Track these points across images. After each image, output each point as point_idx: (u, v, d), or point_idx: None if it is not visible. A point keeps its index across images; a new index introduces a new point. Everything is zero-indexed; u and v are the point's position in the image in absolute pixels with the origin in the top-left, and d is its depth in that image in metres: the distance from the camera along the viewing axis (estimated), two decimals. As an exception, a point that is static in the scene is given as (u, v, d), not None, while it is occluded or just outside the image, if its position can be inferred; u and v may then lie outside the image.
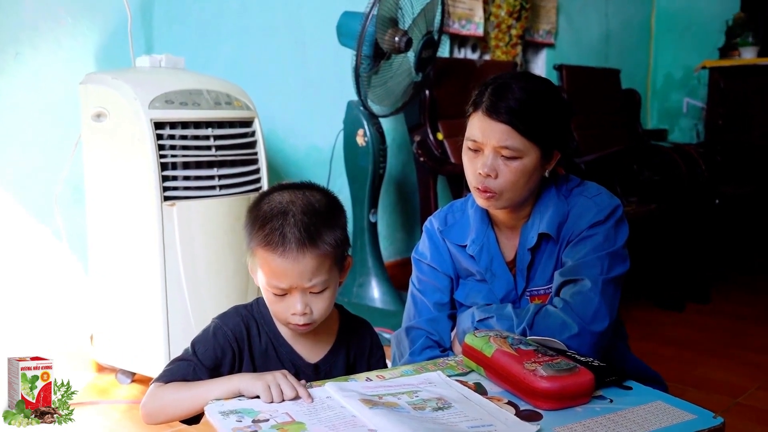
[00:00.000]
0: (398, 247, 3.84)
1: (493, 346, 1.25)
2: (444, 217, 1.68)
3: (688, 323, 3.35)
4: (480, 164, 1.48)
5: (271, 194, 1.27)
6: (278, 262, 1.20)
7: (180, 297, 2.31)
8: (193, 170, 2.33)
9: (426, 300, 1.66)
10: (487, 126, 1.46)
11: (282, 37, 3.25)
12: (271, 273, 1.22)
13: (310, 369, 1.33)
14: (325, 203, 1.27)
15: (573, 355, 1.28)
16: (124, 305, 2.38)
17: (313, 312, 1.25)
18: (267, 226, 1.21)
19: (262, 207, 1.25)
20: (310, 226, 1.21)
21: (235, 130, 2.45)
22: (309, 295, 1.24)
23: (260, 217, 1.23)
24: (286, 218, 1.21)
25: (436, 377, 1.27)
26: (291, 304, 1.24)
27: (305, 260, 1.20)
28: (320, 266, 1.22)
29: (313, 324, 1.27)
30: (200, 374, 1.25)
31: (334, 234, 1.24)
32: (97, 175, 2.39)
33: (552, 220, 1.53)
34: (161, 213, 2.25)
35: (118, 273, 2.39)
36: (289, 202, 1.24)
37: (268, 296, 1.26)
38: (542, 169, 1.52)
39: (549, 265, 1.55)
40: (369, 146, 3.06)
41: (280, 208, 1.23)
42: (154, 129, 2.23)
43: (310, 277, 1.21)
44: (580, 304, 1.45)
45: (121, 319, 2.40)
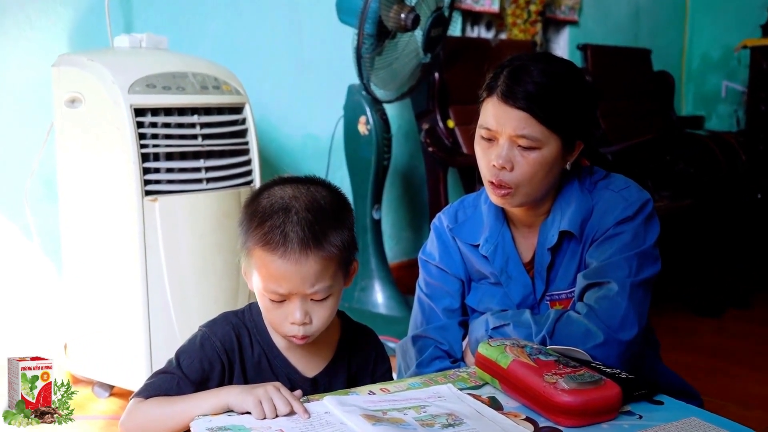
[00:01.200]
0: (404, 247, 3.84)
1: (510, 357, 1.25)
2: (454, 213, 1.68)
3: (727, 331, 3.34)
4: (494, 155, 1.48)
5: (272, 188, 1.27)
6: (278, 264, 1.19)
7: (163, 303, 2.32)
8: (177, 162, 2.34)
9: (434, 305, 1.66)
10: (503, 113, 1.46)
11: (275, 14, 3.25)
12: (269, 276, 1.21)
13: (307, 383, 1.33)
14: (331, 200, 1.26)
15: (598, 367, 1.28)
16: (101, 311, 2.39)
17: (313, 322, 1.25)
18: (266, 224, 1.21)
19: (261, 202, 1.24)
20: (314, 225, 1.20)
21: (224, 118, 2.45)
22: (310, 303, 1.24)
23: (259, 213, 1.23)
24: (288, 215, 1.20)
25: (446, 390, 1.27)
26: (289, 311, 1.23)
27: (308, 263, 1.19)
28: (324, 270, 1.21)
29: (311, 336, 1.26)
30: (185, 388, 1.25)
31: (341, 235, 1.23)
32: (72, 167, 2.39)
33: (574, 217, 1.53)
34: (142, 209, 2.25)
35: (94, 276, 2.39)
36: (291, 197, 1.23)
37: (263, 302, 1.26)
38: (563, 160, 1.52)
39: (571, 267, 1.55)
40: (372, 135, 3.06)
41: (282, 204, 1.22)
42: (134, 116, 2.23)
43: (312, 282, 1.21)
44: (606, 310, 1.45)
45: (98, 326, 2.41)
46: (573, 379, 1.15)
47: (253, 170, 2.53)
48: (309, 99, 3.39)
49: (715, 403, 2.40)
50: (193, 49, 2.93)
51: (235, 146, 2.47)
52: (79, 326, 2.46)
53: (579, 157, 1.56)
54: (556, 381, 1.16)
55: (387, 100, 3.13)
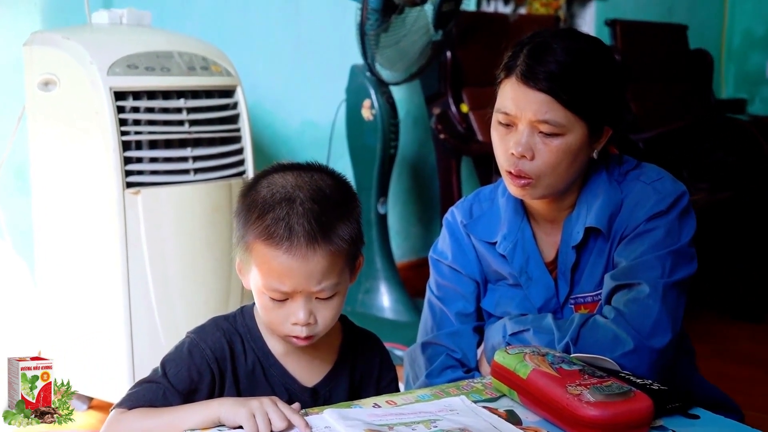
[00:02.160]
0: (413, 245, 3.84)
1: (529, 366, 1.25)
2: (469, 207, 1.68)
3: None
4: (513, 142, 1.48)
5: (271, 176, 1.27)
6: (282, 259, 1.20)
7: (147, 306, 2.32)
8: (161, 150, 2.34)
9: (446, 309, 1.66)
10: (522, 95, 1.46)
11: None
12: (272, 273, 1.21)
13: (306, 394, 1.33)
14: (337, 189, 1.26)
15: (627, 377, 1.28)
16: (78, 316, 2.40)
17: (318, 322, 1.25)
18: (268, 216, 1.21)
19: (260, 191, 1.24)
20: (321, 216, 1.20)
21: (213, 102, 2.45)
22: (314, 302, 1.24)
23: (259, 204, 1.23)
24: (292, 206, 1.20)
25: (458, 403, 1.27)
26: (292, 311, 1.24)
27: (315, 258, 1.20)
28: (332, 266, 1.22)
29: (315, 337, 1.27)
30: (171, 399, 1.25)
31: (349, 227, 1.24)
32: (45, 157, 2.40)
33: (602, 211, 1.52)
34: (123, 203, 2.26)
35: (71, 276, 2.40)
36: (294, 186, 1.23)
37: (263, 302, 1.26)
38: (590, 148, 1.51)
39: (598, 267, 1.55)
40: (377, 121, 3.06)
41: (285, 194, 1.22)
42: (114, 100, 2.24)
43: (319, 279, 1.21)
44: (637, 314, 1.45)
45: (75, 332, 2.41)
46: (599, 391, 1.15)
47: (246, 160, 2.53)
48: (307, 81, 3.39)
49: (756, 417, 2.39)
50: (179, 25, 2.93)
51: (225, 133, 2.47)
52: (54, 332, 2.47)
53: (607, 145, 1.56)
54: (581, 392, 1.16)
55: (394, 82, 3.13)
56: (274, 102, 3.29)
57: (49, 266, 2.45)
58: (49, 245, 2.44)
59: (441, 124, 3.29)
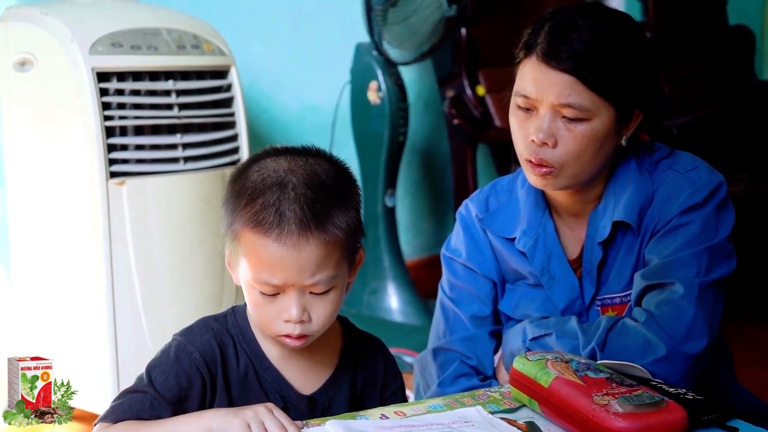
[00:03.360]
0: (424, 241, 3.84)
1: (552, 373, 1.25)
2: (485, 200, 1.68)
3: (817, 344, 3.33)
4: (533, 128, 1.48)
5: (263, 160, 1.27)
6: (272, 249, 1.20)
7: (132, 308, 2.33)
8: (148, 137, 2.34)
9: (460, 312, 1.66)
10: (544, 77, 1.46)
11: (267, -42, 3.26)
12: (261, 264, 1.22)
13: (303, 402, 1.33)
14: (335, 175, 1.27)
15: (659, 386, 1.28)
16: (58, 318, 2.41)
17: (312, 320, 1.25)
18: (258, 201, 1.22)
19: (250, 176, 1.25)
20: (316, 203, 1.21)
21: (205, 83, 2.45)
22: (308, 297, 1.24)
23: (248, 189, 1.23)
24: (284, 191, 1.21)
25: (474, 414, 1.28)
26: (283, 307, 1.24)
27: (308, 248, 1.20)
28: (327, 258, 1.22)
29: (310, 337, 1.27)
30: (160, 410, 1.25)
31: (347, 215, 1.24)
32: (21, 144, 2.40)
33: (631, 204, 1.52)
34: (107, 194, 2.26)
35: (50, 276, 2.41)
36: (287, 170, 1.24)
37: (252, 297, 1.26)
38: (618, 134, 1.51)
39: (627, 265, 1.55)
40: (385, 105, 3.06)
41: (276, 178, 1.23)
42: (97, 81, 2.24)
43: (312, 271, 1.22)
44: (670, 317, 1.45)
45: (54, 336, 2.42)
46: (629, 401, 1.16)
47: (241, 147, 2.54)
48: (308, 61, 3.39)
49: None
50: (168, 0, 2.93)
51: (218, 118, 2.48)
52: (30, 336, 2.47)
53: (637, 131, 1.56)
54: (608, 403, 1.16)
55: (403, 62, 3.12)
56: (272, 84, 3.29)
57: (25, 264, 2.46)
58: (25, 241, 2.45)
59: (455, 109, 3.28)
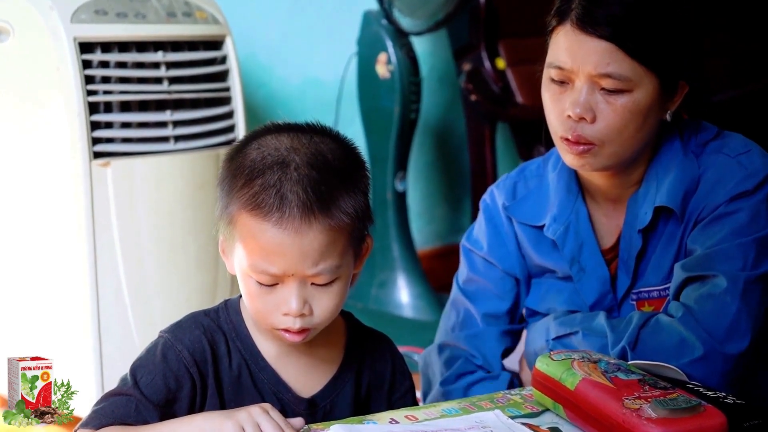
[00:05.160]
0: (438, 229, 3.84)
1: (578, 375, 1.25)
2: (512, 186, 1.67)
3: None
4: (569, 103, 1.47)
5: (263, 137, 1.27)
6: (271, 234, 1.20)
7: (118, 302, 2.33)
8: (136, 113, 2.34)
9: (473, 308, 1.66)
10: (579, 45, 1.45)
11: None
12: (259, 250, 1.22)
13: (302, 405, 1.33)
14: (341, 155, 1.27)
15: (696, 388, 1.28)
16: (35, 314, 2.41)
17: (315, 313, 1.25)
18: (257, 182, 1.21)
19: (249, 154, 1.25)
20: (320, 185, 1.21)
21: (198, 55, 2.45)
22: (310, 288, 1.24)
23: (246, 168, 1.23)
24: (285, 171, 1.21)
25: (492, 419, 1.28)
26: (282, 299, 1.24)
27: (311, 234, 1.20)
28: (331, 245, 1.22)
29: (311, 332, 1.27)
30: (146, 414, 1.26)
31: (354, 200, 1.24)
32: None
33: (675, 188, 1.51)
34: (90, 177, 2.26)
35: (26, 266, 2.41)
36: (289, 149, 1.24)
37: (248, 287, 1.26)
38: (662, 108, 1.50)
39: (667, 255, 1.54)
40: (395, 79, 3.05)
41: (277, 157, 1.23)
42: (80, 53, 2.24)
43: (315, 259, 1.21)
44: (710, 313, 1.44)
45: (31, 331, 2.43)
46: (663, 405, 1.16)
47: (237, 125, 2.54)
48: (311, 30, 3.38)
49: None
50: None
51: (212, 93, 2.48)
52: (4, 333, 2.48)
53: (680, 107, 1.55)
54: (641, 407, 1.16)
55: (415, 32, 3.12)
56: (271, 56, 3.28)
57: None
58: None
59: (472, 83, 3.28)
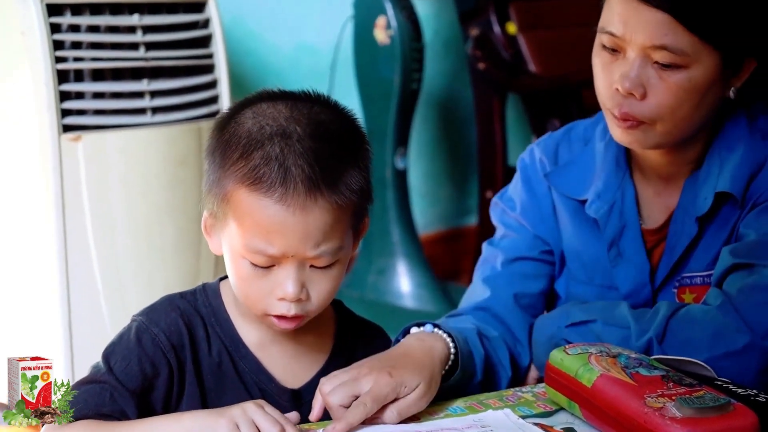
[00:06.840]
0: (442, 211, 3.85)
1: (596, 370, 1.25)
2: (554, 148, 1.65)
3: None
4: (619, 75, 1.45)
5: (257, 105, 1.27)
6: (272, 211, 1.20)
7: (89, 288, 2.34)
8: (109, 83, 2.34)
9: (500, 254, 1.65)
10: (634, 13, 1.43)
11: None
12: (256, 229, 1.22)
13: (285, 397, 1.33)
14: (342, 126, 1.27)
15: (725, 386, 1.28)
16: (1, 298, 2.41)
17: (312, 298, 1.25)
18: (256, 154, 1.21)
19: (244, 123, 1.25)
20: (327, 158, 1.21)
21: (177, 18, 2.45)
22: (308, 271, 1.25)
23: (243, 138, 1.23)
24: (288, 143, 1.21)
25: (501, 419, 1.28)
26: (278, 282, 1.24)
27: (315, 212, 1.20)
28: (335, 225, 1.22)
29: (305, 318, 1.27)
30: (122, 402, 1.25)
31: (358, 175, 1.24)
32: (-44, 90, 2.41)
33: (739, 171, 1.49)
34: (59, 152, 2.26)
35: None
36: (289, 118, 1.24)
37: (240, 269, 1.26)
38: (725, 86, 1.49)
39: (717, 239, 1.51)
40: (395, 45, 3.05)
41: (277, 127, 1.22)
42: (47, 15, 2.23)
43: (318, 240, 1.22)
44: (754, 305, 1.43)
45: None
46: (688, 403, 1.15)
47: (221, 96, 2.53)
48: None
49: None
50: None
51: (193, 60, 2.48)
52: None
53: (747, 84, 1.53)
54: (664, 405, 1.16)
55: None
56: (259, 19, 3.28)
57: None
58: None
59: (480, 50, 3.27)
